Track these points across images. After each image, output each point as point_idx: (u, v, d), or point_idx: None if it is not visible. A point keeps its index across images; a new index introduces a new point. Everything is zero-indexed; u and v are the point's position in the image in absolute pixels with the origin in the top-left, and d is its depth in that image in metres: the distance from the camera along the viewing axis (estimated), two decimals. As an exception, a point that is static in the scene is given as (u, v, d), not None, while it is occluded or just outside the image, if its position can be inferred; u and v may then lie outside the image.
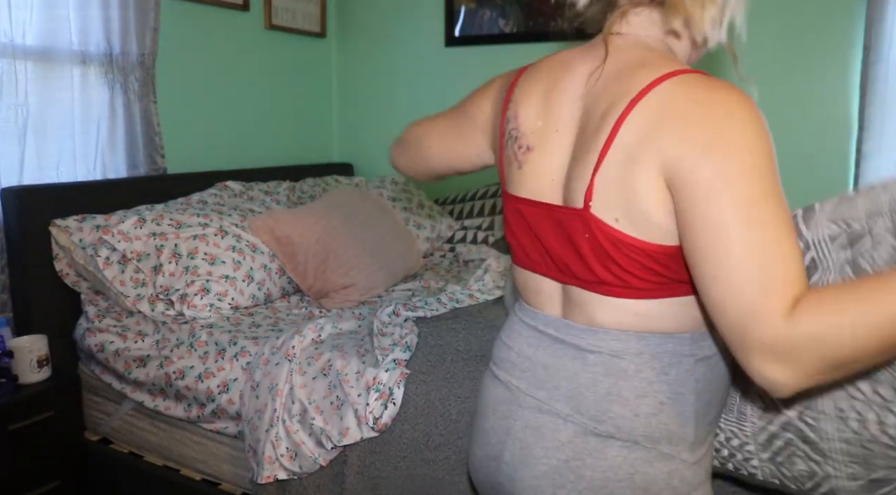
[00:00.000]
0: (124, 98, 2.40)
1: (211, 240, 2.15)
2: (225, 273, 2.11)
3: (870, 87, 2.35)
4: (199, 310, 2.03)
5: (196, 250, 2.11)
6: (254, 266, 2.19)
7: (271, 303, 2.25)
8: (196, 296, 2.04)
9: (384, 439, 1.56)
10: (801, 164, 2.58)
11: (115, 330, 2.06)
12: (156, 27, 2.44)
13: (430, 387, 1.57)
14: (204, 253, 2.11)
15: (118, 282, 2.06)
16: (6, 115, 2.11)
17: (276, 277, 2.25)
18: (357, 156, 3.51)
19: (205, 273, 2.08)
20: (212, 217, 2.23)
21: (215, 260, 2.12)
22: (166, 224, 2.14)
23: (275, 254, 2.26)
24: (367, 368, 1.62)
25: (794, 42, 2.55)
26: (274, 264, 2.25)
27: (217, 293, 2.07)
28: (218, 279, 2.09)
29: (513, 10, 3.01)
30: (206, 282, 2.07)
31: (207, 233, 2.16)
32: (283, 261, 2.26)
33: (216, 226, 2.20)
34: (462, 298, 2.12)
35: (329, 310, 2.16)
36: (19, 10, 2.12)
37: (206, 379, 1.83)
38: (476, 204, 3.10)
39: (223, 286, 2.09)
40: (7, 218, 2.11)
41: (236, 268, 2.14)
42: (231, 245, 2.17)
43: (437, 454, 1.50)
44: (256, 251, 2.22)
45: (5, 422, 1.85)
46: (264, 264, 2.22)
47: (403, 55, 3.32)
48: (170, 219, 2.15)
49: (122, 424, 2.10)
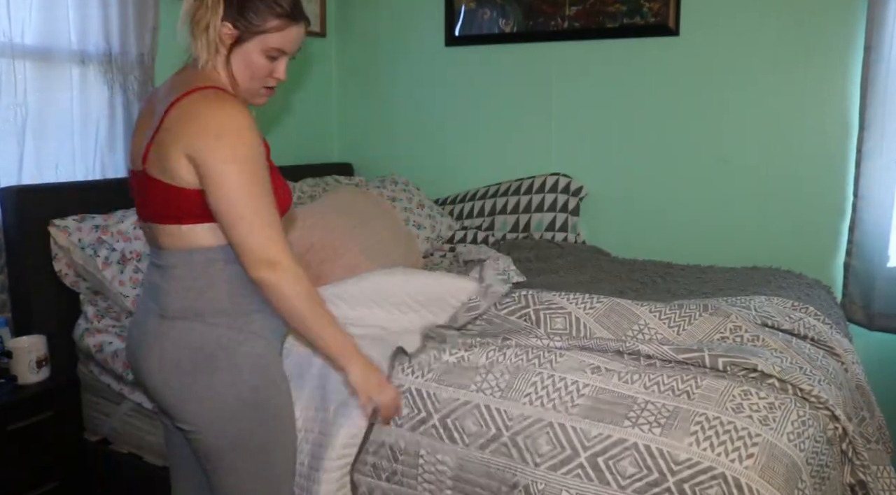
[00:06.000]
0: (123, 98, 2.39)
1: (210, 240, 2.14)
2: (225, 273, 2.10)
3: (870, 87, 2.35)
4: (198, 310, 2.02)
5: (196, 250, 2.10)
6: (253, 266, 2.18)
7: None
8: (196, 296, 2.03)
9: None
10: (801, 164, 2.58)
11: (114, 330, 2.06)
12: (155, 26, 2.43)
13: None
14: (203, 253, 2.10)
15: (117, 282, 2.05)
16: (5, 115, 2.11)
17: (276, 277, 2.24)
18: (357, 156, 3.51)
19: (204, 273, 2.07)
20: (211, 217, 2.22)
21: (215, 260, 2.11)
22: (166, 224, 2.13)
23: (274, 254, 2.25)
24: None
25: (795, 42, 2.55)
26: (274, 264, 2.24)
27: (217, 293, 2.06)
28: (217, 279, 2.08)
29: (513, 9, 3.01)
30: (206, 283, 2.06)
31: (207, 233, 2.15)
32: (282, 261, 2.25)
33: (216, 226, 2.19)
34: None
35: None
36: (18, 10, 2.11)
37: (205, 379, 1.83)
38: (476, 204, 3.10)
39: (223, 286, 2.08)
40: (6, 218, 2.10)
41: (236, 268, 2.13)
42: (231, 245, 2.17)
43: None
44: (256, 251, 2.21)
45: (4, 423, 1.85)
46: (264, 264, 2.21)
47: (403, 55, 3.31)
48: (169, 219, 2.15)
49: (121, 424, 2.10)
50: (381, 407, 1.39)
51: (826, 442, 1.42)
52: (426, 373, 1.57)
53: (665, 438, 1.31)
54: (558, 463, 1.36)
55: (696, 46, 2.71)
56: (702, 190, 2.76)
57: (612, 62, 2.86)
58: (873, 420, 1.81)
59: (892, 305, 2.41)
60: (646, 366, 1.53)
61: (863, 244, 2.44)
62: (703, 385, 1.42)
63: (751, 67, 2.63)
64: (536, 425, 1.41)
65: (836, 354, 1.78)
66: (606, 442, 1.34)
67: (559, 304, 1.81)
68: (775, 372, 1.46)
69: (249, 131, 1.25)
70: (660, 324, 1.76)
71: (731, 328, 1.72)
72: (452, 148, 3.26)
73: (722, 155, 2.70)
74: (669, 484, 1.27)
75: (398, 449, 1.52)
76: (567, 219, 2.92)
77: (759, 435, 1.29)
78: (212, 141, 1.22)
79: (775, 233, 2.65)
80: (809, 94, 2.55)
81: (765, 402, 1.37)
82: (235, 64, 1.32)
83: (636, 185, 2.88)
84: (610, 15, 2.82)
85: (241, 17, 1.28)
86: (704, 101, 2.72)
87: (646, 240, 2.87)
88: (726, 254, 2.71)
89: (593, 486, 1.32)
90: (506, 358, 1.58)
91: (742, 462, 1.25)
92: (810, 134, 2.56)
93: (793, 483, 1.26)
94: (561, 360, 1.55)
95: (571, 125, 2.98)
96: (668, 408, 1.36)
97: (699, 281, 2.39)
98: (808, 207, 2.59)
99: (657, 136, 2.82)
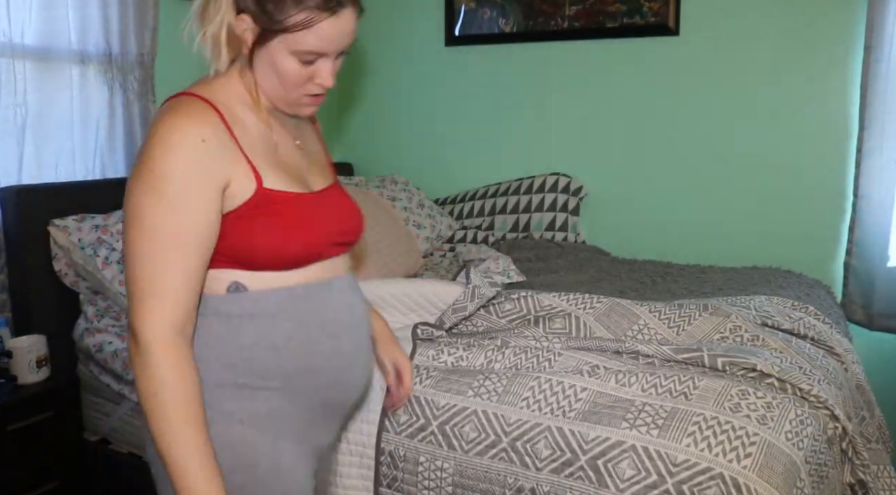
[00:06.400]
0: (123, 98, 2.39)
1: (210, 240, 2.14)
2: (224, 273, 2.10)
3: (870, 87, 2.35)
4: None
5: (195, 250, 2.10)
6: (253, 266, 2.18)
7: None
8: (195, 296, 2.03)
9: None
10: (801, 164, 2.57)
11: (113, 330, 2.06)
12: (155, 26, 2.43)
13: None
14: (203, 253, 2.11)
15: (117, 282, 2.05)
16: (5, 115, 2.11)
17: (276, 277, 2.25)
18: (357, 156, 3.51)
19: (204, 273, 2.07)
20: (211, 217, 2.22)
21: (214, 260, 2.11)
22: (165, 224, 2.13)
23: (274, 254, 2.25)
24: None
25: (795, 42, 2.55)
26: (273, 264, 2.24)
27: (216, 293, 2.06)
28: (217, 279, 2.08)
29: (513, 9, 3.01)
30: (206, 282, 2.06)
31: (207, 233, 2.15)
32: (282, 261, 2.25)
33: (215, 226, 2.19)
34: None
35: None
36: (18, 10, 2.11)
37: (205, 379, 1.83)
38: (476, 204, 3.10)
39: (222, 286, 2.08)
40: (6, 218, 2.10)
41: (235, 268, 2.13)
42: (230, 245, 2.17)
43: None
44: (256, 251, 2.21)
45: (4, 423, 1.85)
46: (264, 264, 2.21)
47: (403, 55, 3.31)
48: (169, 219, 2.15)
49: (121, 424, 2.10)
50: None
51: (825, 441, 1.42)
52: (424, 379, 1.57)
53: (663, 439, 1.31)
54: (560, 466, 1.36)
55: (696, 46, 2.71)
56: (702, 190, 2.76)
57: (612, 62, 2.86)
58: (873, 419, 1.81)
59: (892, 305, 2.41)
60: (644, 366, 1.53)
61: (863, 244, 2.44)
62: (700, 385, 1.42)
63: (751, 67, 2.63)
64: (535, 429, 1.41)
65: (836, 354, 1.78)
66: (604, 444, 1.34)
67: (559, 307, 1.81)
68: (774, 371, 1.46)
69: (171, 153, 0.95)
70: (659, 323, 1.76)
71: (730, 328, 1.72)
72: (452, 148, 3.26)
73: (722, 155, 2.70)
74: (668, 485, 1.27)
75: (398, 456, 1.52)
76: (567, 218, 2.92)
77: (757, 434, 1.29)
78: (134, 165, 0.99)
79: (775, 233, 2.65)
80: (809, 93, 2.55)
81: (762, 402, 1.37)
82: (259, 68, 1.04)
83: (636, 185, 2.88)
84: (610, 15, 2.81)
85: (259, 9, 0.99)
86: (704, 100, 2.72)
87: (646, 240, 2.87)
88: (726, 254, 2.71)
89: (594, 489, 1.32)
90: (504, 357, 1.58)
91: (740, 461, 1.25)
92: (810, 134, 2.56)
93: (791, 482, 1.26)
94: (559, 361, 1.55)
95: (571, 125, 2.98)
96: (665, 409, 1.36)
97: (699, 281, 2.39)
98: (808, 207, 2.59)
99: (657, 136, 2.81)
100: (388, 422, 1.54)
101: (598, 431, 1.36)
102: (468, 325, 1.81)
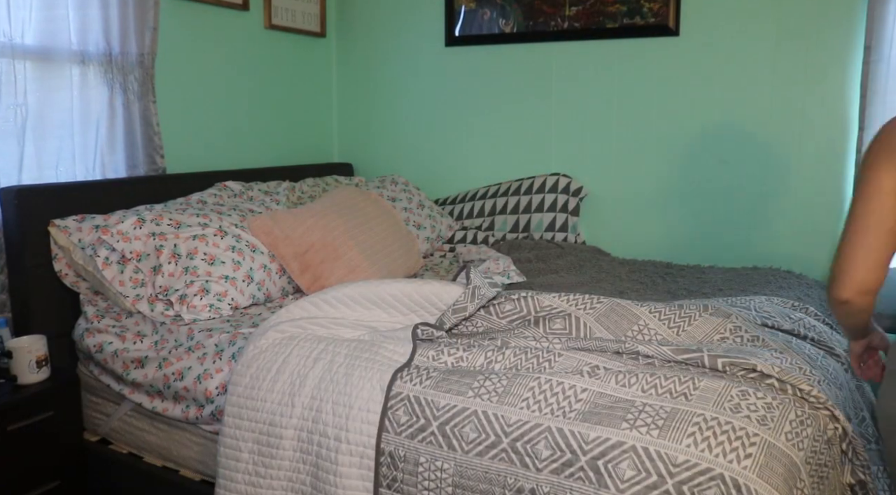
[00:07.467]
0: (123, 98, 2.39)
1: (210, 241, 2.14)
2: (224, 273, 2.10)
3: (870, 87, 2.35)
4: (198, 310, 2.02)
5: (195, 250, 2.11)
6: (253, 266, 2.18)
7: (271, 303, 2.24)
8: (195, 296, 2.03)
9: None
10: (801, 164, 2.58)
11: (113, 330, 2.06)
12: (155, 27, 2.43)
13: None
14: (203, 253, 2.11)
15: (117, 282, 2.05)
16: (5, 115, 2.11)
17: (276, 277, 2.25)
18: (357, 157, 3.51)
19: (204, 273, 2.08)
20: (211, 217, 2.23)
21: (215, 260, 2.11)
22: (166, 224, 2.14)
23: (274, 254, 2.25)
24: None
25: (795, 42, 2.55)
26: (274, 264, 2.25)
27: (217, 293, 2.07)
28: (217, 279, 2.08)
29: (513, 10, 3.01)
30: (206, 283, 2.06)
31: (207, 234, 2.15)
32: (282, 261, 2.26)
33: (216, 226, 2.19)
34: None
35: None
36: (18, 10, 2.11)
37: (204, 380, 1.83)
38: (476, 204, 3.10)
39: (223, 286, 2.08)
40: (6, 218, 2.10)
41: (236, 269, 2.13)
42: (231, 245, 2.17)
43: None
44: (256, 251, 2.22)
45: (4, 423, 1.85)
46: (264, 264, 2.22)
47: (403, 55, 3.31)
48: (169, 220, 2.15)
49: (121, 425, 2.10)
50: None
51: (825, 441, 1.42)
52: (424, 380, 1.57)
53: (663, 440, 1.31)
54: (560, 466, 1.36)
55: (696, 46, 2.71)
56: (702, 190, 2.76)
57: (612, 62, 2.86)
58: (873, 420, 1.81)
59: (892, 305, 2.41)
60: (644, 366, 1.53)
61: (863, 244, 2.43)
62: (700, 386, 1.42)
63: (751, 67, 2.63)
64: (535, 430, 1.41)
65: (836, 354, 1.78)
66: (605, 445, 1.34)
67: (559, 307, 1.81)
68: (774, 372, 1.46)
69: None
70: (660, 324, 1.76)
71: (730, 328, 1.72)
72: (452, 148, 3.26)
73: (722, 154, 2.70)
74: (668, 486, 1.27)
75: (398, 457, 1.52)
76: (567, 219, 2.92)
77: (757, 434, 1.29)
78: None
79: (775, 233, 2.65)
80: (809, 94, 2.55)
81: (762, 402, 1.37)
82: None
83: (636, 185, 2.88)
84: (610, 15, 2.82)
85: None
86: (704, 100, 2.72)
87: (646, 240, 2.87)
88: (726, 254, 2.71)
89: (594, 489, 1.32)
90: (504, 358, 1.58)
91: (740, 462, 1.25)
92: (810, 134, 2.56)
93: (791, 482, 1.26)
94: (559, 361, 1.55)
95: (571, 125, 2.98)
96: (665, 410, 1.36)
97: (699, 281, 2.39)
98: (808, 207, 2.59)
99: (657, 136, 2.82)
100: (388, 423, 1.54)
101: (598, 432, 1.36)
102: (468, 326, 1.81)
